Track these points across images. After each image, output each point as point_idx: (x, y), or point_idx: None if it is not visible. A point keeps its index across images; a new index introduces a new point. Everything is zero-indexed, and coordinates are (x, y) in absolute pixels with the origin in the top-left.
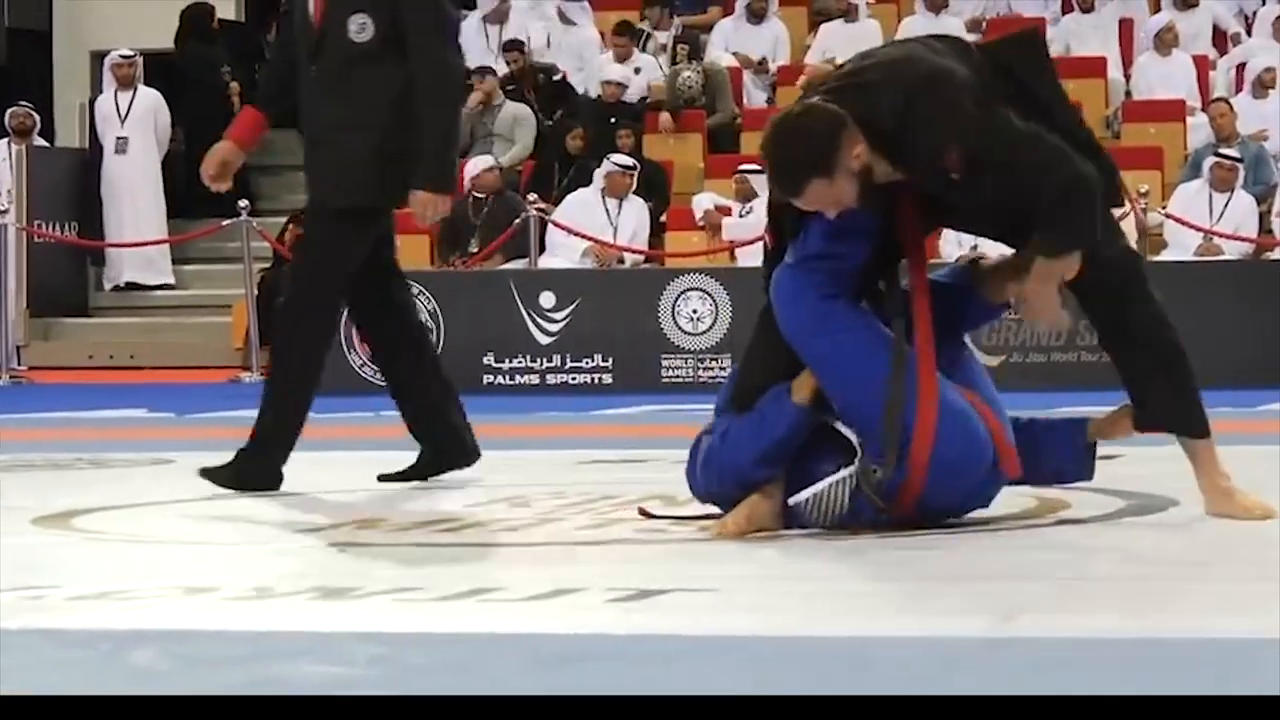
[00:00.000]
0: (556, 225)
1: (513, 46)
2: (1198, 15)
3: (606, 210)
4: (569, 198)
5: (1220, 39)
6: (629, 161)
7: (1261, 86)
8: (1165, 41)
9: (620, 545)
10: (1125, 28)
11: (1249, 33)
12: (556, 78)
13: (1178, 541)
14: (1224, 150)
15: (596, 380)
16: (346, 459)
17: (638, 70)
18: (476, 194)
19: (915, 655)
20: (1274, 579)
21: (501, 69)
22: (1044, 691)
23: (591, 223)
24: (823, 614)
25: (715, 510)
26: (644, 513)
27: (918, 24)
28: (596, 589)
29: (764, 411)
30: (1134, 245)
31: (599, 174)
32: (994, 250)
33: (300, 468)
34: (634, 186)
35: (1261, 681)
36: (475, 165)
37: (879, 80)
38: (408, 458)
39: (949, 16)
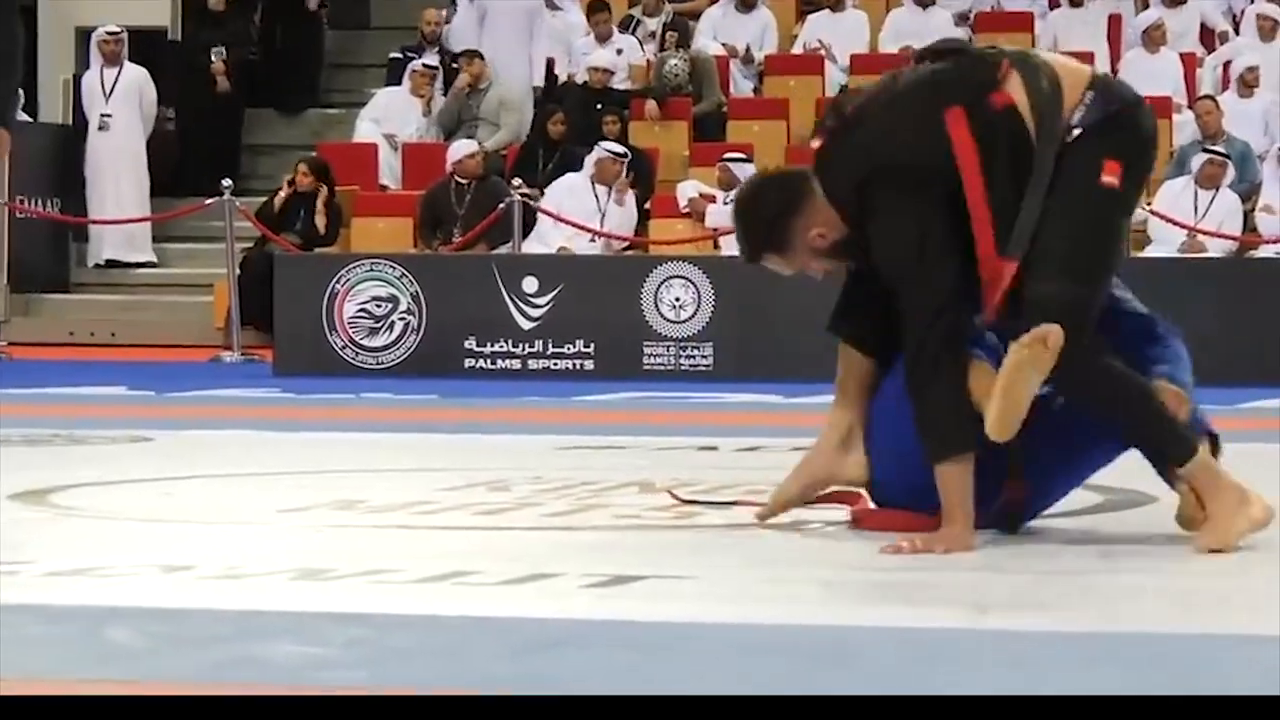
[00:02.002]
0: (544, 211)
1: None
2: (1186, 13)
3: (596, 197)
4: (558, 183)
5: (1208, 37)
6: (620, 149)
7: (1245, 85)
8: (1153, 38)
9: (598, 531)
10: (1114, 23)
11: (1237, 31)
12: None
13: (1155, 537)
14: (1213, 147)
15: (578, 366)
16: (325, 440)
17: (620, 51)
18: (459, 179)
19: (892, 646)
20: (1248, 575)
21: None
22: (1016, 686)
23: (581, 209)
24: (800, 603)
25: (744, 496)
26: (674, 496)
27: (904, 17)
28: (573, 574)
29: None
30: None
31: (589, 160)
32: None
33: (279, 448)
34: (624, 173)
35: (1234, 679)
36: (457, 150)
37: (856, 146)
38: (387, 440)
39: (937, 10)
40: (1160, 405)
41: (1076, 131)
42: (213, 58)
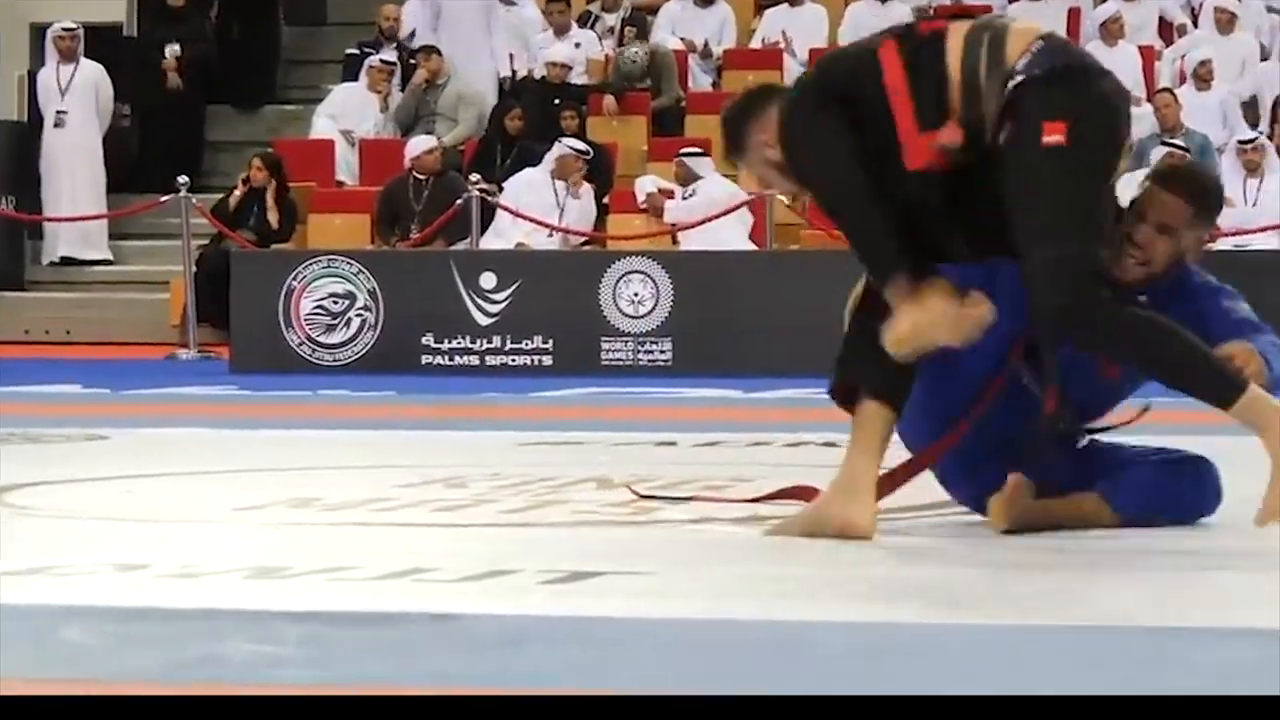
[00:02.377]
0: (502, 207)
1: None
2: (1144, 6)
3: (555, 192)
4: (516, 178)
5: (1166, 30)
6: (583, 146)
7: (1199, 79)
8: (1111, 31)
9: (556, 527)
10: (1073, 16)
11: (1195, 24)
12: None
13: (1110, 531)
14: (1172, 140)
15: (536, 362)
16: (282, 437)
17: (578, 45)
18: (417, 175)
19: (853, 642)
20: (1218, 569)
21: None
22: (982, 682)
23: (539, 204)
24: (759, 598)
25: (701, 491)
26: (632, 491)
27: (863, 11)
28: (530, 571)
29: None
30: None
31: (549, 155)
32: None
33: (235, 446)
34: (584, 171)
35: (1205, 675)
36: (415, 146)
37: (806, 75)
38: (344, 437)
39: (896, 4)
40: (1195, 347)
41: (1020, 78)
42: (166, 54)
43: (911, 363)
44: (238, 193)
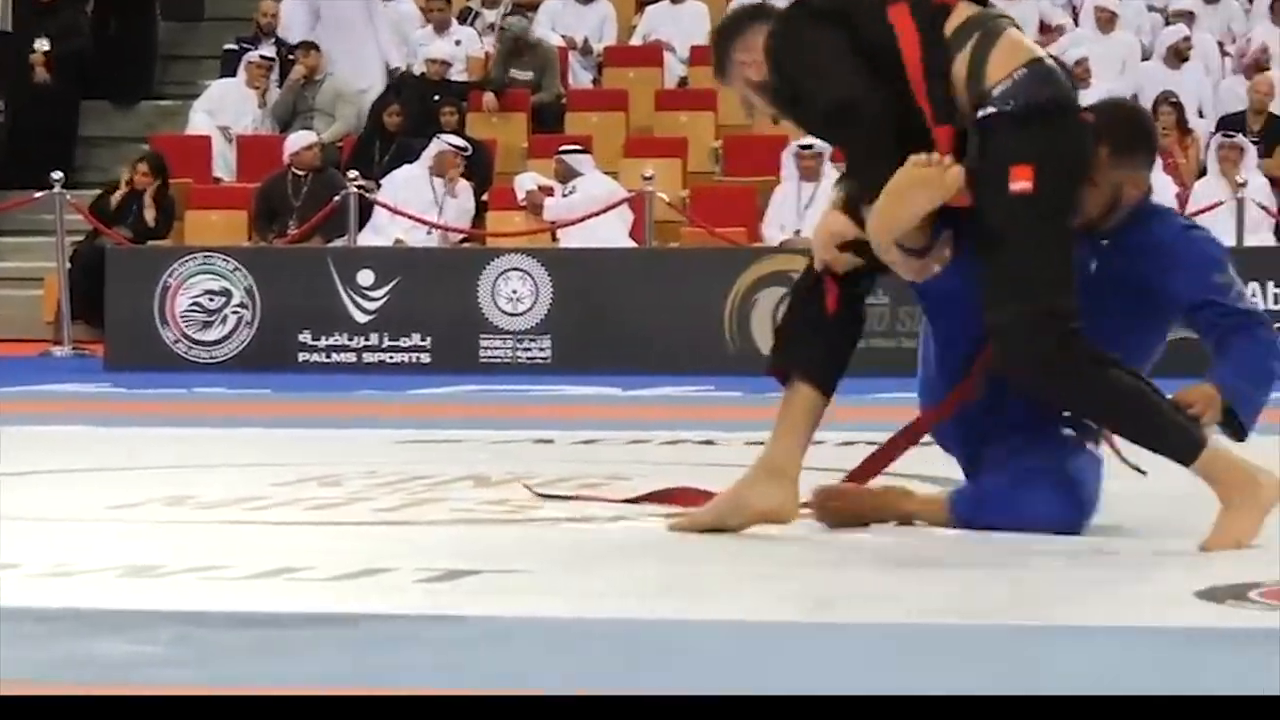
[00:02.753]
0: (380, 204)
1: None
2: (1024, 5)
3: (433, 189)
4: (394, 174)
5: (1047, 28)
6: (461, 143)
7: (1077, 78)
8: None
9: (431, 526)
10: None
11: (1076, 23)
12: None
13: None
14: None
15: (414, 359)
16: (157, 435)
17: (458, 42)
18: (296, 170)
19: (727, 641)
20: (1078, 567)
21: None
22: (855, 680)
23: (418, 201)
24: (635, 597)
25: (598, 493)
26: (529, 489)
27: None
28: (406, 570)
29: None
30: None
31: (428, 152)
32: None
33: (109, 444)
34: (463, 168)
35: (1070, 670)
36: (295, 142)
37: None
38: (219, 435)
39: (777, 4)
40: (1156, 407)
41: (991, 109)
42: (35, 49)
43: (845, 348)
44: (119, 193)
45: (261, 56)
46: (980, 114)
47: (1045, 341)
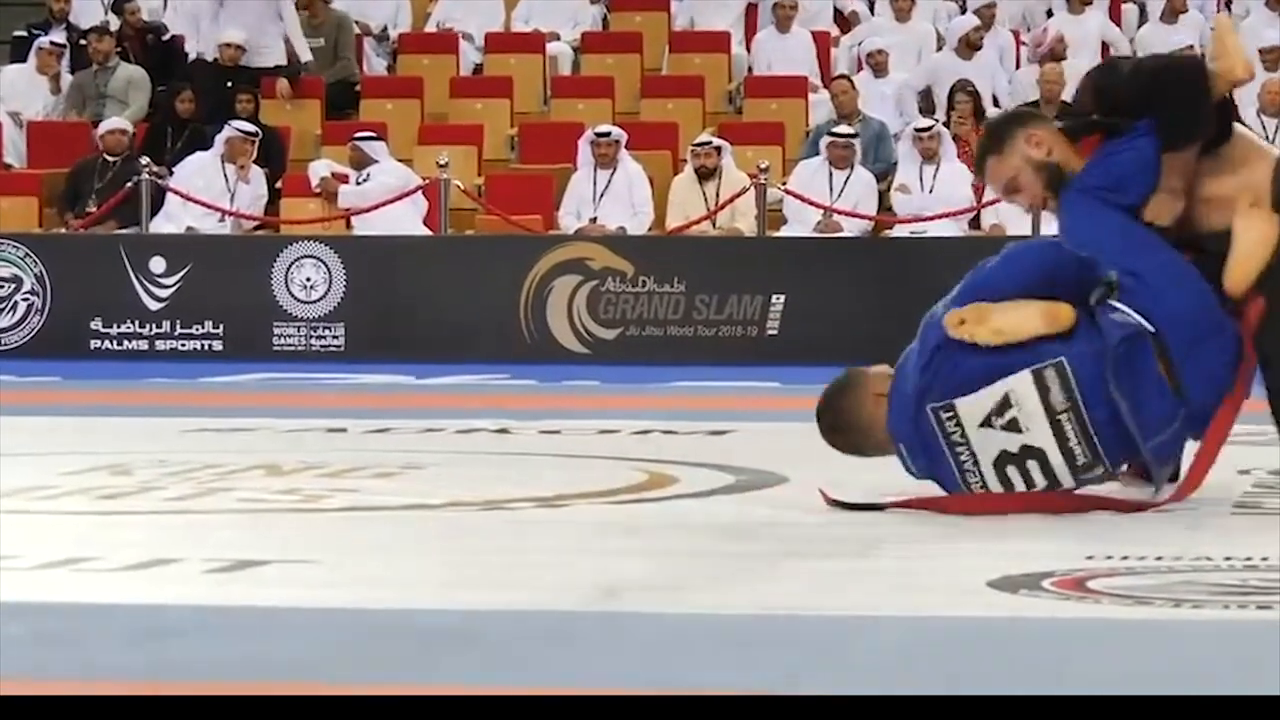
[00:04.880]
0: (172, 190)
1: (121, 4)
2: None
3: (225, 176)
4: (187, 161)
5: (842, 18)
6: (251, 127)
7: (875, 67)
8: (782, 17)
9: (221, 515)
10: (751, 10)
11: (872, 11)
12: (165, 38)
13: (784, 518)
14: (836, 128)
15: (207, 347)
16: None
17: None
18: (107, 156)
19: (513, 630)
20: (876, 556)
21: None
22: (642, 671)
23: (210, 188)
24: (424, 586)
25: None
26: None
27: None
28: (194, 560)
29: None
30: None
31: (219, 139)
32: None
33: None
34: (255, 154)
35: (860, 659)
36: (111, 124)
37: None
38: (7, 423)
39: None
40: None
41: None
42: None
43: None
44: None
45: (52, 43)
46: None
47: None
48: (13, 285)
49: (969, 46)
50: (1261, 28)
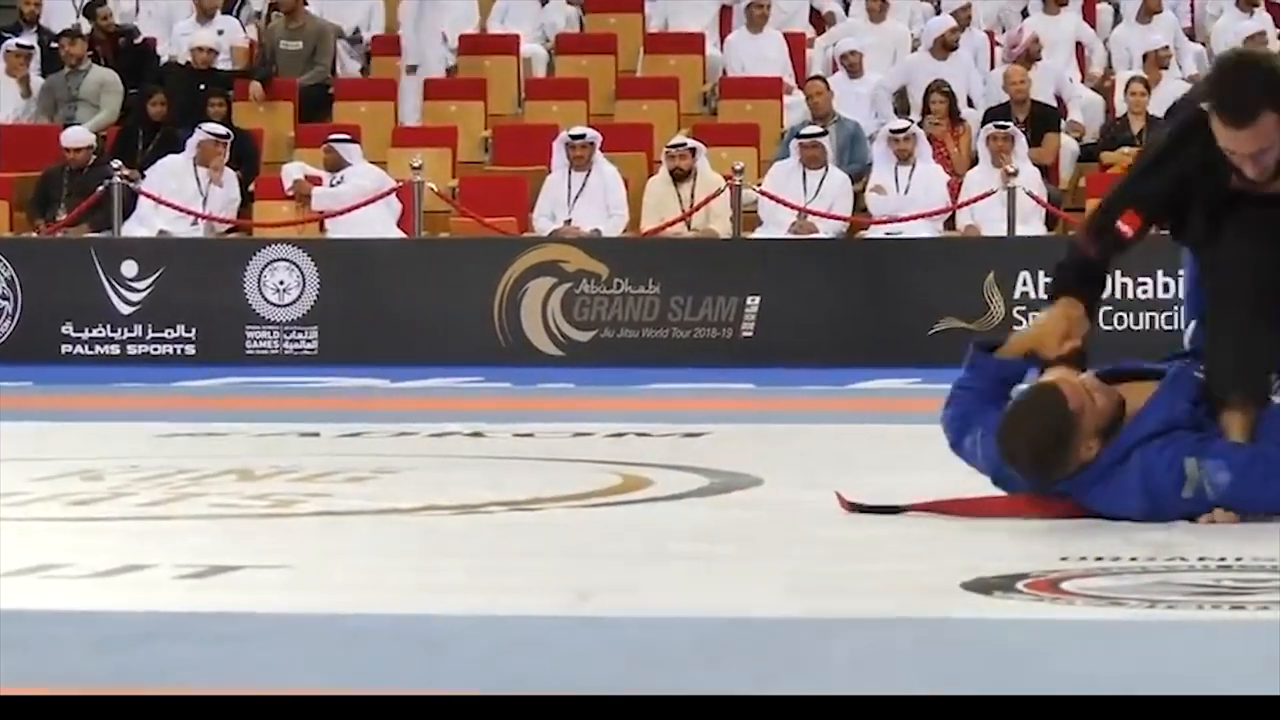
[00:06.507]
0: (144, 194)
1: (93, 8)
2: None
3: (198, 179)
4: (159, 164)
5: (818, 18)
6: (222, 130)
7: (849, 67)
8: (755, 18)
9: (193, 520)
10: (725, 12)
11: (847, 12)
12: (138, 41)
13: (758, 520)
14: (805, 129)
15: (179, 351)
16: None
17: (220, 32)
18: (72, 165)
19: (484, 635)
20: (850, 558)
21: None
22: (616, 674)
23: (182, 191)
24: (396, 591)
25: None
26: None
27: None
28: (166, 565)
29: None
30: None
31: (191, 142)
32: None
33: None
34: (227, 157)
35: (832, 662)
36: (69, 138)
37: None
38: None
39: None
40: None
41: None
42: None
43: None
44: None
45: (19, 45)
46: None
47: None
48: None
49: (944, 47)
50: (1234, 23)
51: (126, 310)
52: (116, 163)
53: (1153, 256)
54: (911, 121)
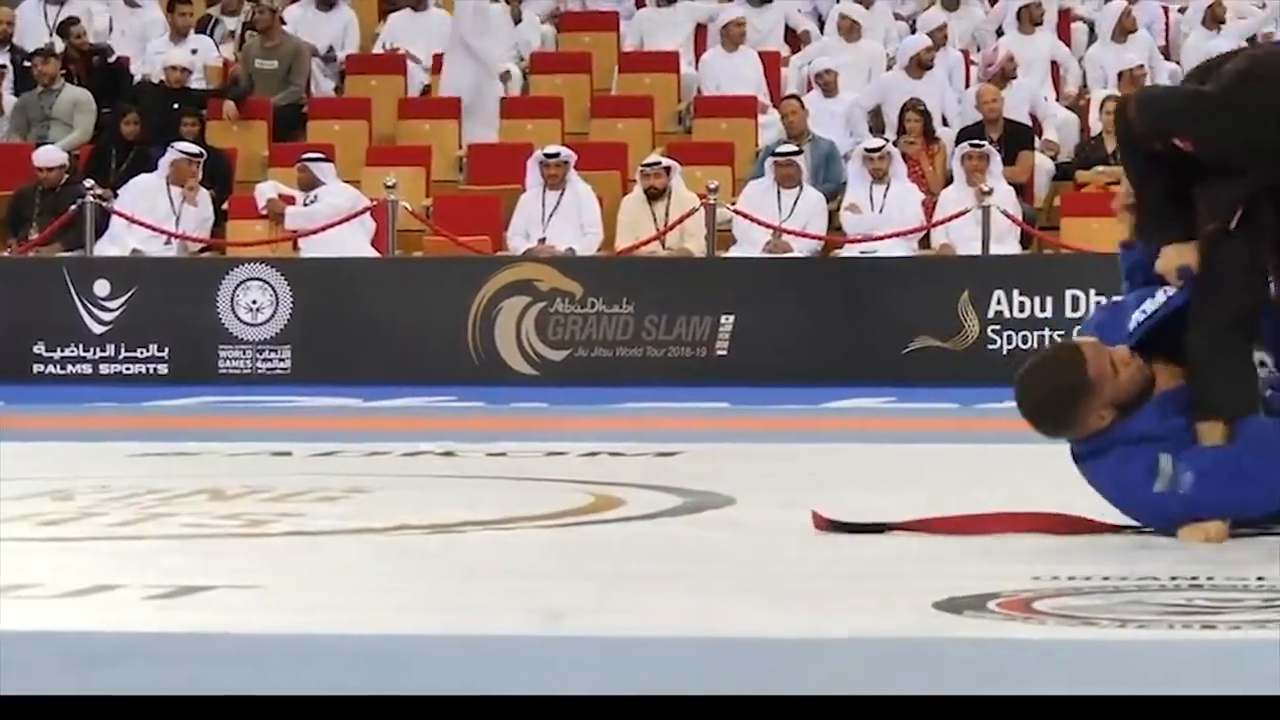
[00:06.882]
0: (117, 213)
1: (67, 27)
2: (770, 12)
3: (170, 198)
4: (131, 183)
5: (793, 37)
6: (195, 149)
7: (824, 86)
8: (732, 36)
9: (164, 540)
10: (701, 25)
11: (821, 31)
12: (111, 60)
13: (731, 540)
14: (779, 148)
15: (151, 370)
16: None
17: (194, 51)
18: (45, 184)
19: (456, 655)
20: (823, 578)
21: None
22: (589, 692)
23: (156, 210)
24: (367, 611)
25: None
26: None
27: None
28: (135, 585)
29: None
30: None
31: (164, 161)
32: None
33: None
34: (200, 176)
35: (804, 681)
36: (41, 157)
37: None
38: None
39: (524, 9)
40: None
41: None
42: None
43: None
44: None
45: None
46: None
47: None
48: None
49: (919, 66)
50: (1202, 42)
51: (99, 330)
52: (89, 182)
53: None
54: (886, 140)
